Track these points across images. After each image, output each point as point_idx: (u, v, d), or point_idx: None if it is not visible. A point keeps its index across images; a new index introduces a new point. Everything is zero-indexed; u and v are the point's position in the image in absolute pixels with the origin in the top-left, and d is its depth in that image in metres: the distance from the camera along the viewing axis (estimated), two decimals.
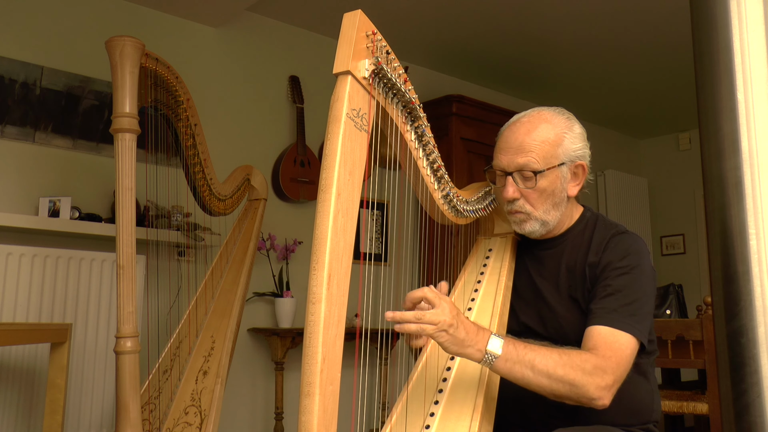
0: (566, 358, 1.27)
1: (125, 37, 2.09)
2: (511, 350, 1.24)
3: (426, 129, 1.35)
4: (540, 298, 1.53)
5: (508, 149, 1.50)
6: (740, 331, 0.71)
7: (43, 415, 2.29)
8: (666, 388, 3.30)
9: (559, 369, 1.24)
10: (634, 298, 1.38)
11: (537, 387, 1.26)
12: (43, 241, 2.88)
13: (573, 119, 1.53)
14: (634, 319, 1.35)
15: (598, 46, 4.09)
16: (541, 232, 1.53)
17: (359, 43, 1.11)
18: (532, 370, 1.24)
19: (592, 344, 1.33)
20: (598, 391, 1.26)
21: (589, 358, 1.29)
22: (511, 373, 1.25)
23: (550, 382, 1.25)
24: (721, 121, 0.74)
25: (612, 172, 5.43)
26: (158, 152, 2.56)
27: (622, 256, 1.43)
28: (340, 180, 1.05)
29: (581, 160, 1.51)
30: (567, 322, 1.46)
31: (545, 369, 1.24)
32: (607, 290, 1.40)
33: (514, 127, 1.52)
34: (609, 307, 1.37)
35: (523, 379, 1.25)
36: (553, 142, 1.47)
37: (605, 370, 1.27)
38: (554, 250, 1.55)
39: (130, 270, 2.06)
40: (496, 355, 1.23)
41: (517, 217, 1.52)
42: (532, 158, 1.46)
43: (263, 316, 3.55)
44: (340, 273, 1.04)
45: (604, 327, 1.34)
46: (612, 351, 1.31)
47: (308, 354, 1.00)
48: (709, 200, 0.75)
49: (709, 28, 0.76)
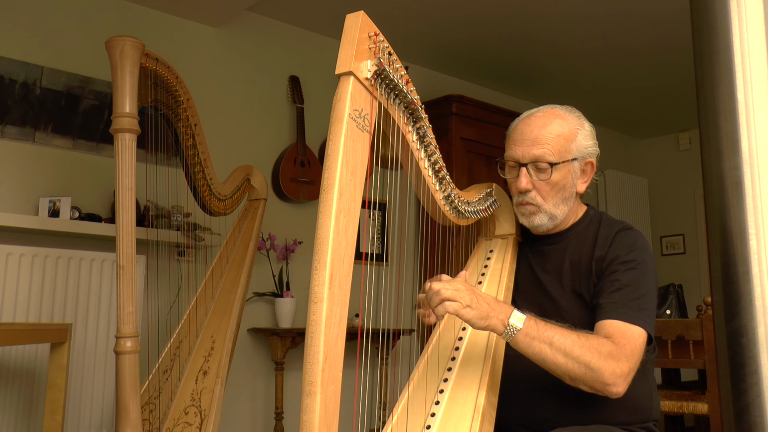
0: (584, 339, 1.30)
1: (125, 37, 2.09)
2: (532, 325, 1.28)
3: (428, 130, 1.35)
4: (543, 291, 1.54)
5: (523, 141, 1.52)
6: (740, 331, 0.71)
7: (43, 415, 2.29)
8: (666, 388, 3.30)
9: (576, 348, 1.27)
10: (642, 292, 1.41)
11: (553, 364, 1.28)
12: (43, 241, 2.88)
13: (583, 118, 1.57)
14: (644, 313, 1.38)
15: (598, 46, 4.09)
16: (548, 227, 1.55)
17: (361, 44, 1.11)
18: (551, 346, 1.27)
19: (606, 333, 1.35)
20: (613, 377, 1.28)
21: (605, 343, 1.31)
22: (530, 348, 1.28)
23: (567, 360, 1.27)
24: (721, 121, 0.74)
25: (612, 172, 5.43)
26: (158, 152, 2.56)
27: (629, 250, 1.46)
28: (342, 180, 1.05)
29: (591, 157, 1.55)
30: (570, 315, 1.47)
31: (563, 347, 1.27)
32: (615, 285, 1.42)
33: (528, 120, 1.54)
34: (619, 301, 1.39)
35: (540, 354, 1.28)
36: (567, 136, 1.51)
37: (620, 356, 1.30)
38: (558, 245, 1.57)
39: (130, 270, 2.06)
40: (517, 328, 1.27)
41: (526, 209, 1.54)
42: (548, 150, 1.49)
43: (263, 316, 3.55)
44: (342, 273, 1.04)
45: (616, 321, 1.37)
46: (626, 339, 1.33)
47: (310, 353, 1.01)
48: (709, 200, 0.75)
49: (709, 28, 0.76)
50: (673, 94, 4.85)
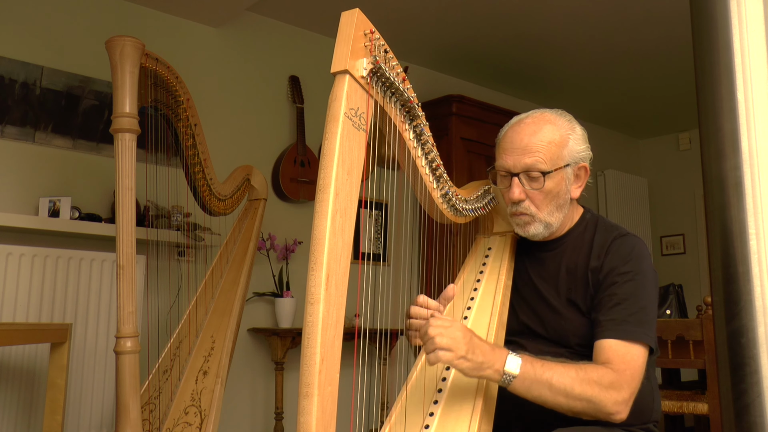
0: (583, 374, 1.27)
1: (125, 37, 2.09)
2: (529, 369, 1.24)
3: (425, 128, 1.34)
4: (540, 299, 1.52)
5: (513, 150, 1.47)
6: (740, 331, 0.71)
7: (43, 415, 2.29)
8: (666, 388, 3.30)
9: (577, 386, 1.25)
10: (641, 305, 1.37)
11: (554, 405, 1.26)
12: (43, 241, 2.88)
13: (574, 121, 1.52)
14: (645, 328, 1.35)
15: (598, 46, 4.08)
16: (544, 235, 1.51)
17: (357, 41, 1.10)
18: (550, 389, 1.24)
19: (605, 358, 1.33)
20: (616, 406, 1.26)
21: (606, 373, 1.29)
22: (529, 392, 1.25)
23: (568, 400, 1.25)
24: (721, 121, 0.74)
25: (612, 172, 5.42)
26: (158, 152, 2.56)
27: (626, 261, 1.42)
28: (338, 180, 1.04)
29: (584, 161, 1.50)
30: (567, 323, 1.46)
31: (563, 387, 1.24)
32: (613, 299, 1.39)
33: (518, 127, 1.50)
34: (618, 318, 1.36)
35: (540, 397, 1.25)
36: (558, 143, 1.46)
37: (621, 385, 1.28)
38: (554, 252, 1.54)
39: (130, 270, 2.05)
40: (514, 375, 1.23)
41: (521, 219, 1.51)
42: (540, 158, 1.44)
43: (263, 316, 3.55)
44: (339, 273, 1.04)
45: (616, 341, 1.34)
46: (626, 364, 1.31)
47: (307, 355, 1.00)
48: (709, 200, 0.75)
49: (709, 28, 0.76)
50: (673, 94, 4.84)
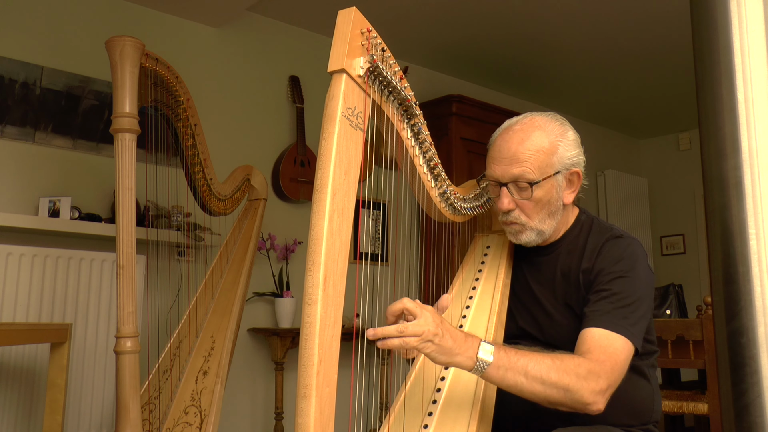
0: (559, 362, 1.23)
1: (125, 37, 2.09)
2: (503, 356, 1.20)
3: (422, 127, 1.33)
4: (537, 304, 1.52)
5: (501, 159, 1.45)
6: (740, 331, 0.71)
7: (43, 415, 2.29)
8: (666, 388, 3.30)
9: (553, 374, 1.21)
10: (628, 302, 1.35)
11: (530, 394, 1.23)
12: (43, 241, 2.88)
13: (566, 125, 1.49)
14: (628, 322, 1.33)
15: (598, 46, 4.08)
16: (537, 242, 1.50)
17: (354, 40, 1.09)
18: (526, 376, 1.21)
19: (586, 348, 1.30)
20: (593, 395, 1.23)
21: (583, 362, 1.26)
22: (504, 380, 1.21)
23: (544, 387, 1.21)
24: (721, 121, 0.74)
25: (612, 172, 5.42)
26: (158, 152, 2.56)
27: (616, 261, 1.41)
28: (335, 180, 1.04)
29: (576, 167, 1.47)
30: (564, 328, 1.45)
31: (539, 375, 1.21)
32: (600, 294, 1.37)
33: (506, 135, 1.46)
34: (602, 309, 1.34)
35: (516, 386, 1.22)
36: (547, 150, 1.43)
37: (599, 374, 1.24)
38: (550, 256, 1.53)
39: (130, 270, 2.05)
40: (487, 362, 1.18)
41: (512, 228, 1.49)
42: (527, 168, 1.42)
43: (263, 316, 3.55)
44: (336, 274, 1.03)
45: (598, 329, 1.31)
46: (606, 355, 1.28)
47: (304, 356, 1.00)
48: (709, 200, 0.75)
49: (709, 28, 0.76)
50: (673, 94, 4.84)
